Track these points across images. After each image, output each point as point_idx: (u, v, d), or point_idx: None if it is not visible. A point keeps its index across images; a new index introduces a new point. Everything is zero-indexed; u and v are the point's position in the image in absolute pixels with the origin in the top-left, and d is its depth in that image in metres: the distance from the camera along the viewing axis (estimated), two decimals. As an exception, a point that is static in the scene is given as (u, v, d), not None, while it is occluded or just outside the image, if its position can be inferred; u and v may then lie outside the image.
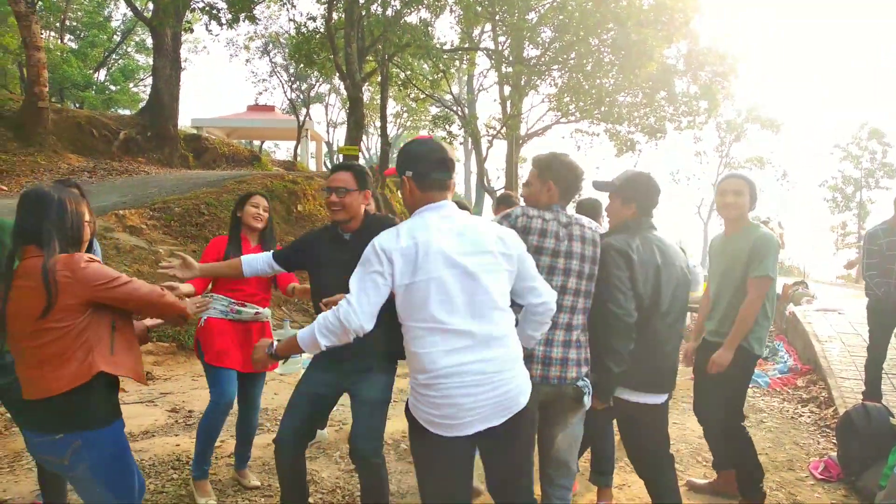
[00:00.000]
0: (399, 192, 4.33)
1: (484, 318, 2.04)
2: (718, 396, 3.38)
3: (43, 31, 18.17)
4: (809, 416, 5.35)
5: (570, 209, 2.82)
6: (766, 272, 3.16)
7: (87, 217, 2.28)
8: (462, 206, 2.73)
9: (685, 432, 4.87)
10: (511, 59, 16.67)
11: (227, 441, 4.33)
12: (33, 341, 2.06)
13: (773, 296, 3.33)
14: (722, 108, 19.58)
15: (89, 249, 3.26)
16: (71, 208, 2.19)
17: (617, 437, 3.62)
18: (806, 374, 6.52)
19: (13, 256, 2.13)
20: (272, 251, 3.11)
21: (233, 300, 3.55)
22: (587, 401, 2.55)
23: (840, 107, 74.65)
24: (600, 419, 2.98)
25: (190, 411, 5.17)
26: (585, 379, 2.57)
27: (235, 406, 3.67)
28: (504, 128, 19.25)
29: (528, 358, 2.39)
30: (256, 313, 3.60)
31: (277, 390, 6.26)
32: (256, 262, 3.04)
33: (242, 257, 3.07)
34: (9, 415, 4.81)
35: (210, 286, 3.55)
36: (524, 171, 21.83)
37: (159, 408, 5.40)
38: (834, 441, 4.48)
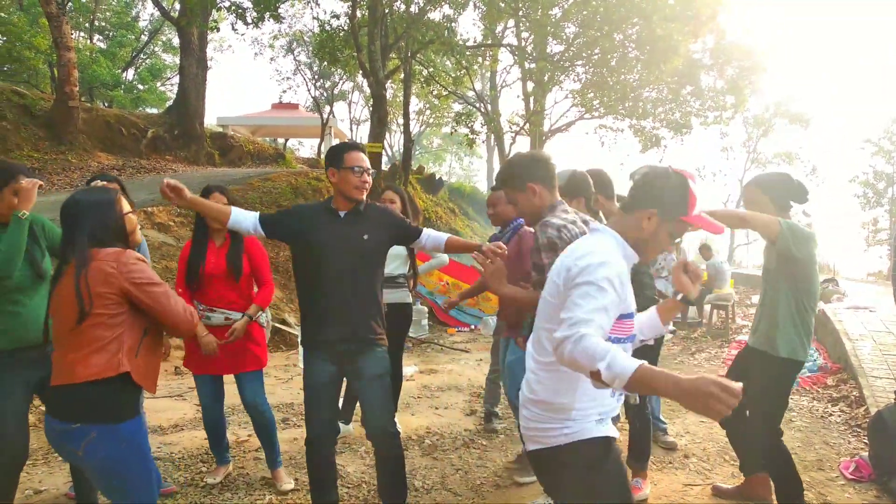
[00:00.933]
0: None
1: None
2: (753, 409, 3.22)
3: (73, 32, 18.49)
4: (840, 416, 5.26)
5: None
6: (778, 219, 2.89)
7: (125, 209, 2.34)
8: None
9: (712, 431, 4.83)
10: (534, 55, 16.58)
11: (253, 436, 4.40)
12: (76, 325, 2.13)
13: (811, 305, 3.09)
14: (749, 103, 19.25)
15: (138, 248, 3.36)
16: (106, 209, 2.26)
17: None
18: (836, 372, 6.41)
19: (63, 261, 2.21)
20: (258, 213, 2.98)
21: (203, 304, 3.51)
22: None
23: (872, 101, 73.07)
24: None
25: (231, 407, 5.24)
26: None
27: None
28: (527, 124, 19.16)
29: None
30: (226, 318, 3.51)
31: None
32: (244, 219, 2.91)
33: (233, 209, 2.93)
34: (44, 407, 4.93)
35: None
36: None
37: (188, 402, 5.49)
38: (865, 441, 4.41)
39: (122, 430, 2.16)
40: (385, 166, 16.49)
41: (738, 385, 1.39)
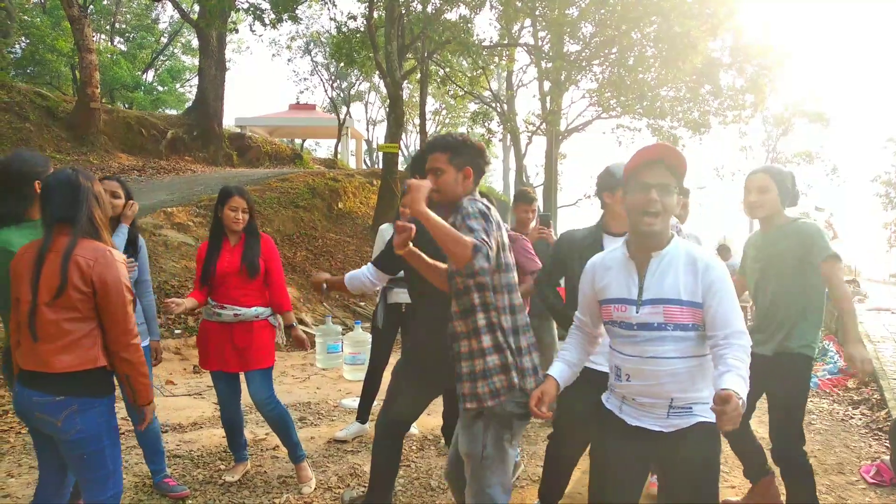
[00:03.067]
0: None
1: None
2: (771, 415, 3.06)
3: (94, 34, 18.76)
4: (861, 419, 5.19)
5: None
6: (831, 250, 2.87)
7: (101, 191, 2.38)
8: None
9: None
10: (551, 54, 16.53)
11: (271, 434, 4.44)
12: (55, 314, 2.18)
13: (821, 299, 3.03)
14: (769, 102, 19.03)
15: (134, 244, 3.40)
16: (96, 189, 2.34)
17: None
18: (856, 375, 6.33)
19: (48, 236, 2.23)
20: (371, 261, 3.12)
21: (214, 301, 3.56)
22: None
23: (895, 99, 71.85)
24: None
25: (247, 405, 5.29)
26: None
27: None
28: (544, 124, 19.11)
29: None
30: (235, 314, 3.51)
31: (320, 385, 6.37)
32: (357, 277, 3.04)
33: (346, 275, 3.08)
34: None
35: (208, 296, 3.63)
36: (564, 168, 21.65)
37: (206, 400, 5.54)
38: (887, 444, 4.35)
39: (103, 404, 2.28)
40: (401, 167, 16.53)
41: (741, 399, 1.68)
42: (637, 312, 2.02)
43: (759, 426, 4.02)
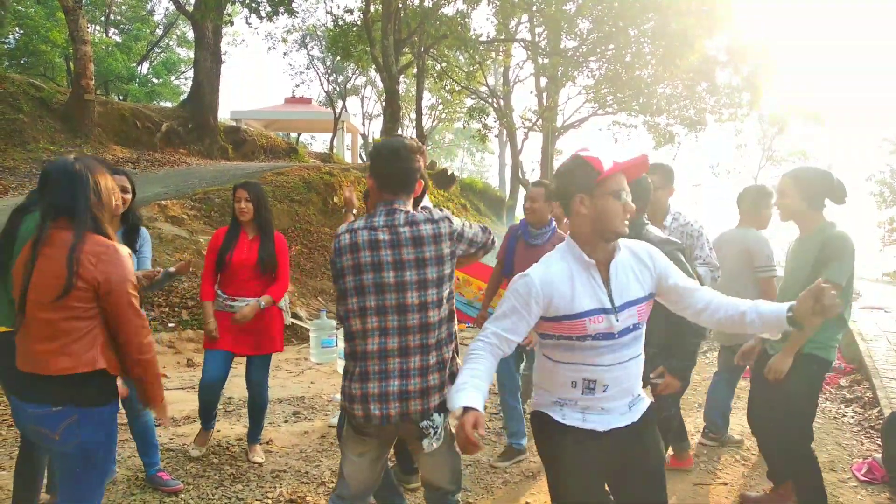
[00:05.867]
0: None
1: None
2: (782, 411, 3.11)
3: (89, 26, 18.63)
4: (853, 417, 5.22)
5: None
6: (834, 279, 2.79)
7: (110, 185, 2.26)
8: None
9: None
10: (548, 50, 16.52)
11: (264, 429, 4.43)
12: (51, 313, 2.05)
13: (848, 298, 3.01)
14: (765, 100, 19.06)
15: (135, 235, 3.37)
16: (100, 180, 2.19)
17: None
18: (849, 373, 6.35)
19: (43, 227, 2.11)
20: None
21: (225, 294, 3.78)
22: (426, 444, 2.16)
23: (890, 98, 72.13)
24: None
25: (229, 398, 5.29)
26: (433, 417, 2.17)
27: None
28: (540, 120, 19.11)
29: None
30: (247, 304, 3.74)
31: (314, 379, 6.37)
32: None
33: None
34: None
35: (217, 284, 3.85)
36: (560, 164, 21.65)
37: (200, 394, 5.52)
38: (878, 443, 4.37)
39: (104, 413, 2.14)
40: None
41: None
42: (618, 320, 1.98)
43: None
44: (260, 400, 3.93)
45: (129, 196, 3.32)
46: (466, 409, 1.83)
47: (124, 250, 2.16)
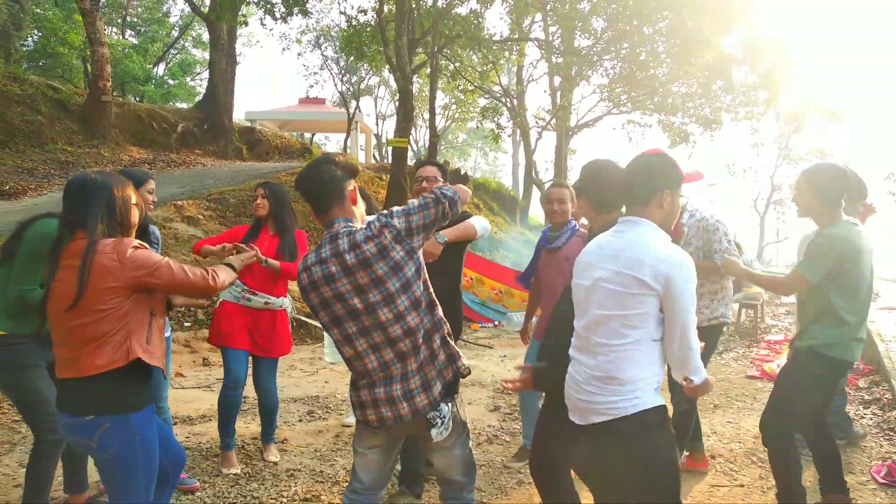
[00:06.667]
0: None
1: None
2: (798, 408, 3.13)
3: (106, 27, 18.83)
4: (871, 419, 5.15)
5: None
6: (802, 270, 2.92)
7: (133, 200, 2.33)
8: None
9: (739, 432, 4.77)
10: (562, 49, 16.46)
11: (278, 428, 4.45)
12: (77, 319, 2.11)
13: (858, 301, 2.98)
14: (782, 98, 18.84)
15: (145, 235, 3.42)
16: (117, 193, 2.25)
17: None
18: (868, 374, 6.28)
19: (61, 239, 2.19)
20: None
21: (246, 287, 3.74)
22: (435, 434, 2.22)
23: (909, 95, 71.08)
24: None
25: (244, 397, 5.31)
26: (440, 407, 2.22)
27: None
28: (554, 119, 19.04)
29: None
30: (266, 302, 3.78)
31: (328, 378, 6.39)
32: None
33: None
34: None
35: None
36: (573, 163, 21.56)
37: (215, 393, 5.54)
38: (898, 445, 4.31)
39: (133, 420, 2.18)
40: (410, 161, 16.52)
41: None
42: None
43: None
44: (271, 402, 3.96)
45: (155, 198, 3.49)
46: None
47: (130, 240, 2.22)
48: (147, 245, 2.27)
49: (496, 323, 10.57)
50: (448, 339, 2.30)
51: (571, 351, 2.25)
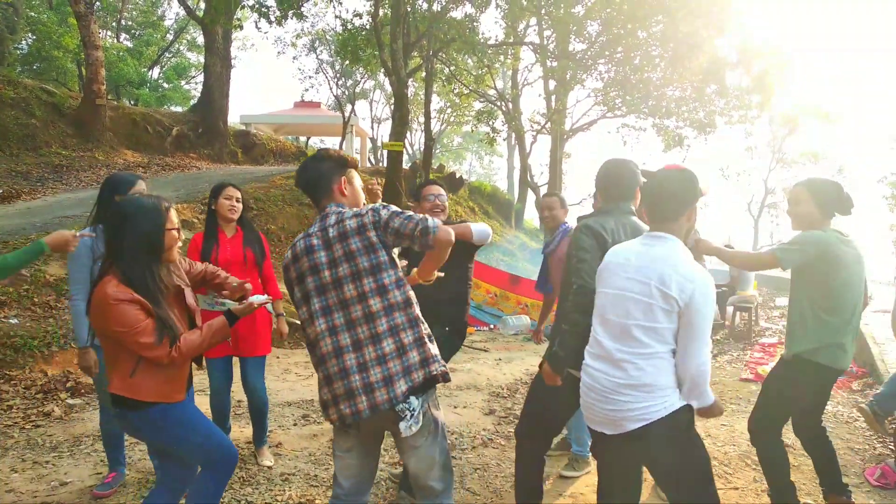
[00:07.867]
0: None
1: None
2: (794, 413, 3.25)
3: (100, 31, 18.79)
4: (865, 421, 5.17)
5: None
6: (777, 253, 2.96)
7: (169, 225, 2.37)
8: None
9: (733, 435, 4.77)
10: (556, 53, 16.51)
11: (273, 431, 4.43)
12: (104, 342, 2.34)
13: (840, 308, 3.00)
14: (775, 102, 18.93)
15: None
16: (151, 217, 2.33)
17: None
18: (862, 377, 6.30)
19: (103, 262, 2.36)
20: None
21: (215, 294, 3.63)
22: (404, 427, 2.16)
23: (902, 99, 71.42)
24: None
25: (239, 401, 5.30)
26: (409, 400, 2.17)
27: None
28: (548, 123, 19.10)
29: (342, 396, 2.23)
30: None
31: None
32: None
33: None
34: (69, 401, 5.02)
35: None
36: (568, 167, 21.60)
37: (208, 397, 5.54)
38: (891, 447, 4.33)
39: (173, 411, 2.37)
40: (406, 165, 16.54)
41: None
42: None
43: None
44: (260, 402, 3.93)
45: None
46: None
47: (122, 293, 2.22)
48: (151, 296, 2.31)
49: (491, 326, 10.57)
50: (426, 341, 2.25)
51: (588, 359, 2.33)
